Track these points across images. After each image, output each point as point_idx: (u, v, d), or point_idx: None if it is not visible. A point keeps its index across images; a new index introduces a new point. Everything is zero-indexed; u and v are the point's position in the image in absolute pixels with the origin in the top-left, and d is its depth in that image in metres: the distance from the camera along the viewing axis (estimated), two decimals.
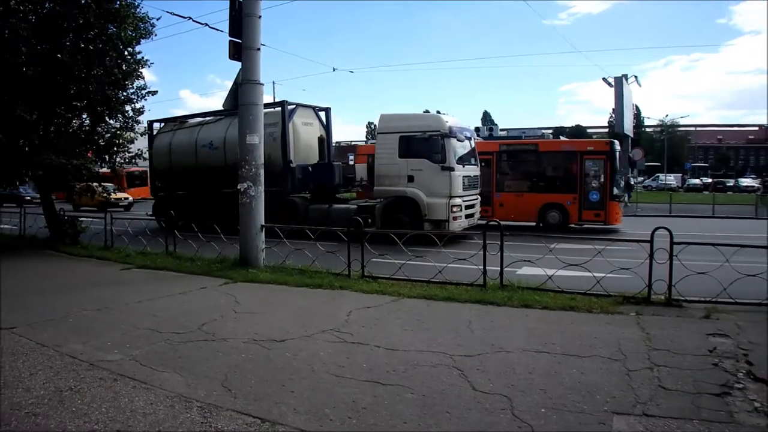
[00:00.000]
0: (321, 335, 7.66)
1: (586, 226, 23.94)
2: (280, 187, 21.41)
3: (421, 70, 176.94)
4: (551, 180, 24.52)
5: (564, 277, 10.43)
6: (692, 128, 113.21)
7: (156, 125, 27.06)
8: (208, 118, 25.39)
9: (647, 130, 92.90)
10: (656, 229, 9.66)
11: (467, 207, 20.09)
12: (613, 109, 35.99)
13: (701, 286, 9.50)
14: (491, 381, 6.03)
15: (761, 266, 9.20)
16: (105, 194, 35.83)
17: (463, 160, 20.16)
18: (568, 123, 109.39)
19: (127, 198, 44.66)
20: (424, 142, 19.43)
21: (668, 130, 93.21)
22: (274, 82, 49.97)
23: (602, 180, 23.53)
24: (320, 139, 24.19)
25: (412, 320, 8.44)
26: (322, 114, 24.67)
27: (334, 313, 8.84)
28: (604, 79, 37.90)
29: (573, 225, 23.97)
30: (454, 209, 19.18)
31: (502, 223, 11.59)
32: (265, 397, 5.65)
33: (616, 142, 25.27)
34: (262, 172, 12.88)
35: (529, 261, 10.78)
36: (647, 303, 9.41)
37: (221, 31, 14.27)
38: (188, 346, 7.26)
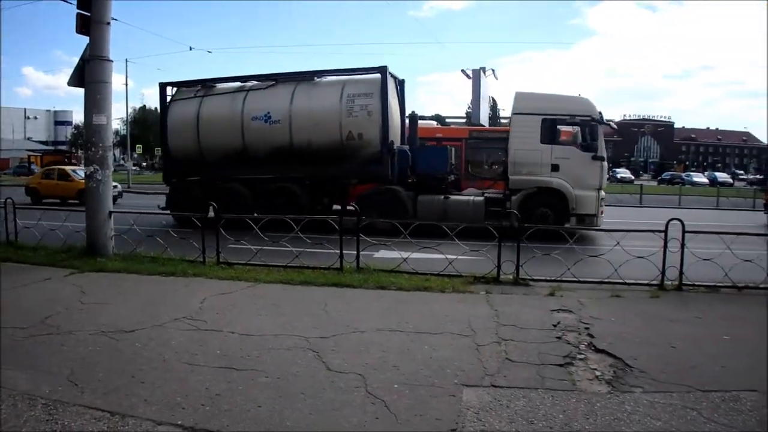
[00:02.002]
0: (173, 324, 7.41)
1: None
2: (376, 173, 18.03)
3: (286, 53, 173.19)
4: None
5: (420, 259, 10.70)
6: None
7: (170, 90, 20.87)
8: (252, 83, 19.74)
9: (503, 121, 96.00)
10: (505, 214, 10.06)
11: None
12: (471, 101, 36.50)
13: (548, 267, 10.09)
14: (346, 360, 6.08)
15: (602, 248, 9.80)
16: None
17: None
18: (428, 112, 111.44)
19: (116, 186, 29.84)
20: (572, 128, 17.47)
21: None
22: (127, 60, 47.84)
23: None
24: (412, 118, 20.45)
25: (267, 305, 8.34)
26: (398, 87, 19.90)
27: (188, 300, 8.57)
28: (462, 70, 38.73)
29: None
30: (602, 202, 17.34)
31: None
32: (115, 389, 5.40)
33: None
34: (109, 155, 12.12)
35: (385, 245, 10.93)
36: (496, 282, 9.81)
37: (70, 2, 13.06)
38: (30, 341, 6.80)
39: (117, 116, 76.63)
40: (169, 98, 20.64)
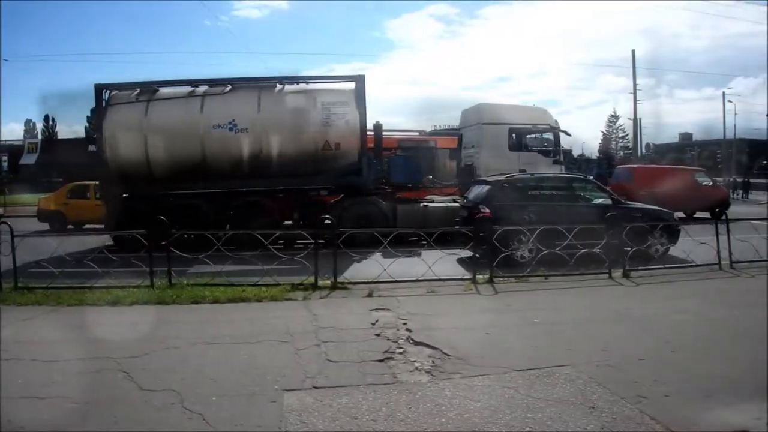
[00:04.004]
0: None
1: None
2: (355, 183, 17.18)
3: (72, 61, 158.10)
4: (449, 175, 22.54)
5: (237, 270, 10.47)
6: None
7: (107, 93, 17.32)
8: (203, 88, 17.34)
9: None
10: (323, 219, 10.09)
11: None
12: None
13: (365, 270, 10.25)
14: (159, 378, 5.73)
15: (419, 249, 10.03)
16: None
17: None
18: None
19: None
20: (534, 136, 19.53)
21: None
22: None
23: None
24: (376, 127, 18.90)
25: (72, 329, 7.68)
26: None
27: None
28: None
29: None
30: None
31: None
32: None
33: None
34: None
35: (198, 258, 10.55)
36: (315, 288, 9.70)
37: None
38: None
39: None
40: (108, 100, 17.31)
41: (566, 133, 20.82)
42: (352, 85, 17.29)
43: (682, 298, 9.18)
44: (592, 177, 20.27)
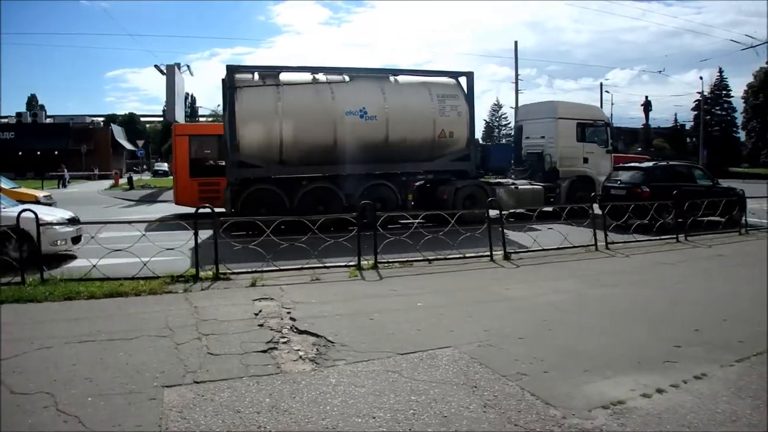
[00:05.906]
0: None
1: None
2: (464, 168, 19.31)
3: None
4: None
5: (117, 264, 9.95)
6: None
7: (239, 77, 17.21)
8: (321, 75, 17.74)
9: (201, 120, 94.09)
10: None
11: None
12: (166, 97, 35.03)
13: (250, 259, 10.12)
14: (31, 381, 5.42)
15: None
16: None
17: None
18: (120, 111, 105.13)
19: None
20: (594, 129, 22.33)
21: (219, 119, 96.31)
22: None
23: None
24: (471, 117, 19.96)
25: None
26: None
27: None
28: (156, 66, 38.01)
29: None
30: None
31: None
32: None
33: None
34: None
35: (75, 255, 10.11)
36: (196, 280, 9.45)
37: None
38: None
39: None
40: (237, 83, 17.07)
41: (615, 128, 23.19)
42: (454, 80, 19.13)
43: (559, 279, 9.63)
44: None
